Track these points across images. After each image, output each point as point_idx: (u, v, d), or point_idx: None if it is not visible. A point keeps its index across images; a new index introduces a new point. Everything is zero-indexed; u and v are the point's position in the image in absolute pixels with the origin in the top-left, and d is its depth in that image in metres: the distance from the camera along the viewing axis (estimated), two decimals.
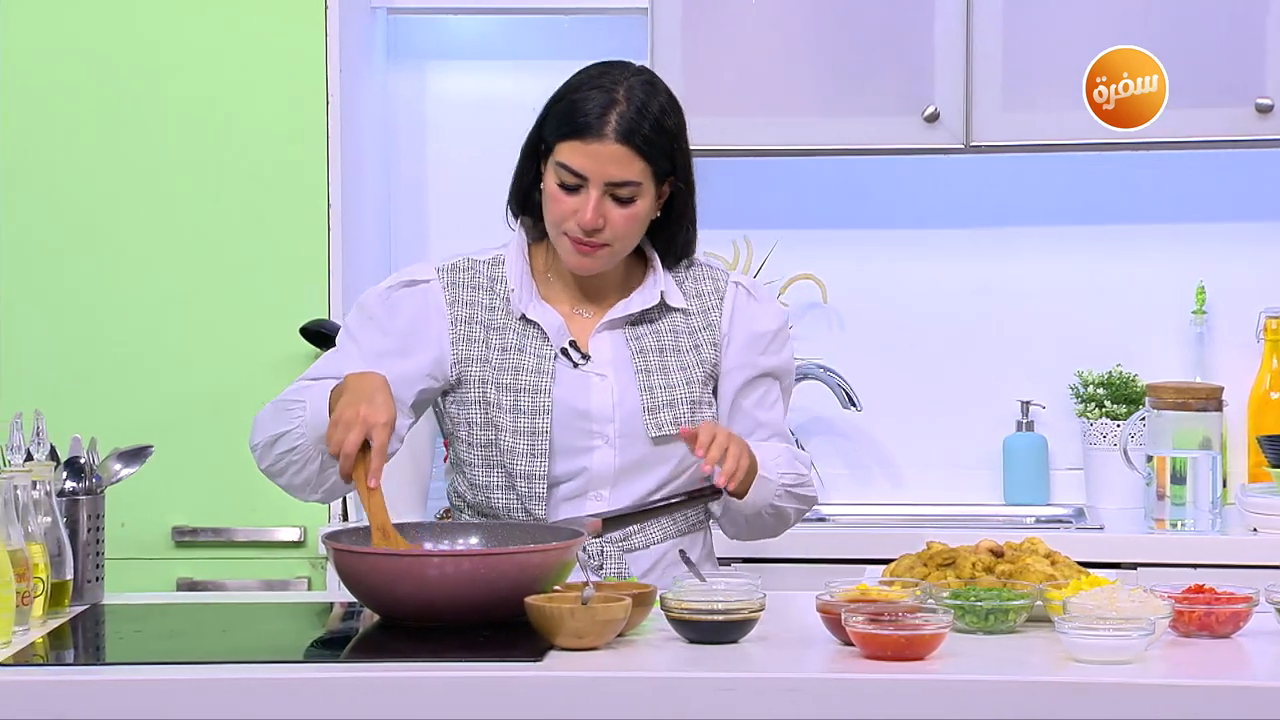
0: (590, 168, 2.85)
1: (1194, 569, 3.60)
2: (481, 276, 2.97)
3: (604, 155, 2.84)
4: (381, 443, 2.70)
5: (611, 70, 2.91)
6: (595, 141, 2.84)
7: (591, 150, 2.84)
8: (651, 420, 2.92)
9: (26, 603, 2.60)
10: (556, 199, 2.88)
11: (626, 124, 2.84)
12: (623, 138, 2.84)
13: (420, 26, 4.34)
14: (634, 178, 2.86)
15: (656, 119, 2.87)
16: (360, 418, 2.69)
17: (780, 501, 2.94)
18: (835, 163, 4.24)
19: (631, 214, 2.88)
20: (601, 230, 2.87)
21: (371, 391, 2.73)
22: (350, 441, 2.69)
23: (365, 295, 3.01)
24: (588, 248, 2.88)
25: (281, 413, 2.87)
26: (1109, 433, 4.11)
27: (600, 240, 2.88)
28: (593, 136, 2.84)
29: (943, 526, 4.04)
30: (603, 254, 2.90)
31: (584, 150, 2.85)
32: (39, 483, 2.71)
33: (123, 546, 3.72)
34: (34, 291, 3.88)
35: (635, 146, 2.85)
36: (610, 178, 2.85)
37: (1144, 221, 4.25)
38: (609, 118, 2.85)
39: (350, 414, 2.71)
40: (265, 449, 2.88)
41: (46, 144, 3.88)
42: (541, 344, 2.93)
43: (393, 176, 4.33)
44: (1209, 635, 2.57)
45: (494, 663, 2.43)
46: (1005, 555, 2.73)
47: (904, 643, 2.42)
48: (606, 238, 2.88)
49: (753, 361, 3.00)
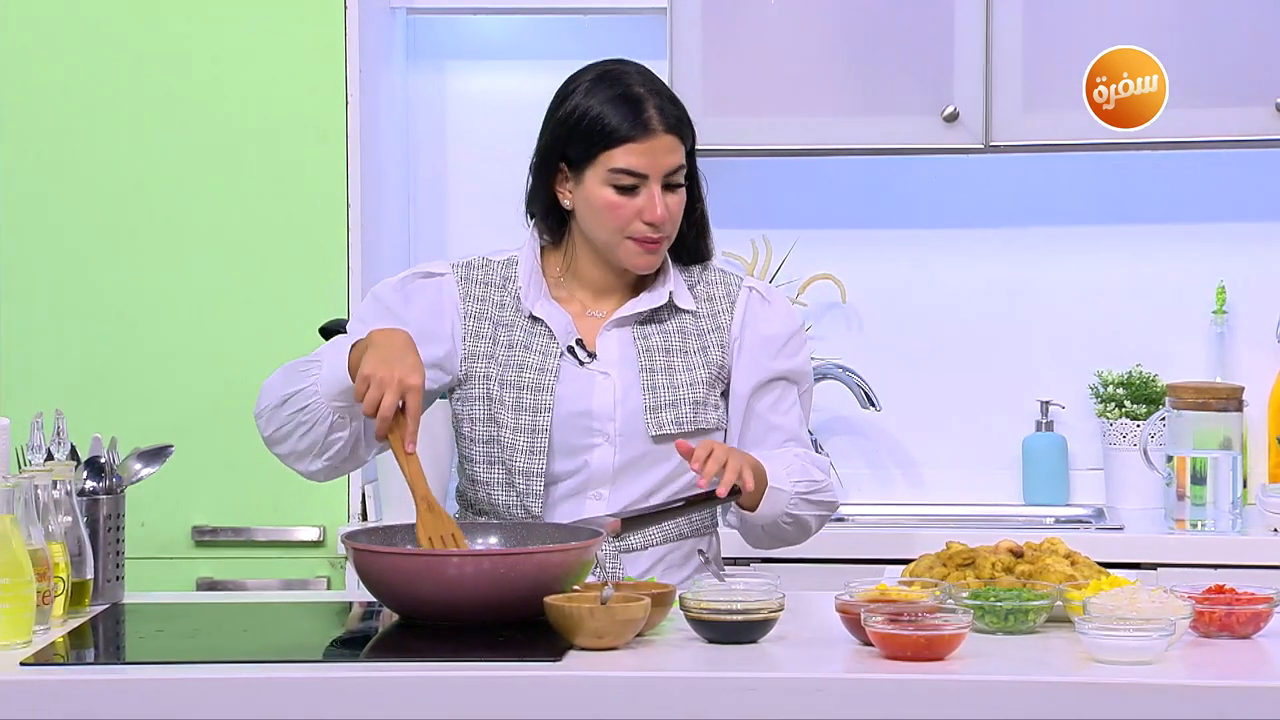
0: (649, 165, 2.89)
1: (1214, 569, 3.60)
2: (495, 275, 2.98)
3: (659, 149, 2.89)
4: (415, 406, 2.69)
5: (611, 73, 2.93)
6: (649, 138, 2.89)
7: (647, 148, 2.88)
8: (653, 419, 2.92)
9: (47, 602, 2.60)
10: (614, 205, 2.89)
11: (669, 115, 2.91)
12: (671, 127, 2.91)
13: (439, 26, 4.34)
14: (682, 162, 2.93)
15: (679, 102, 2.95)
16: (395, 379, 2.68)
17: (796, 510, 2.92)
18: (854, 162, 4.24)
19: (681, 199, 2.94)
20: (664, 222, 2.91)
21: (401, 350, 2.72)
22: (387, 403, 2.67)
23: (379, 286, 3.01)
24: (654, 244, 2.91)
25: (293, 373, 2.84)
26: (1129, 433, 4.10)
27: (665, 234, 2.92)
28: (646, 135, 2.88)
29: (962, 526, 4.03)
30: (662, 247, 2.94)
31: (639, 150, 2.88)
32: (59, 482, 2.72)
33: (143, 546, 3.73)
34: (56, 292, 3.89)
35: (679, 132, 2.92)
36: (666, 168, 2.90)
37: (1164, 221, 4.25)
38: (649, 113, 2.89)
39: (385, 372, 2.68)
40: (272, 411, 2.84)
41: (71, 145, 3.89)
42: (548, 342, 2.94)
43: (412, 176, 4.34)
44: (1230, 636, 2.57)
45: (513, 662, 2.43)
46: (1025, 555, 2.73)
47: (923, 643, 2.42)
48: (667, 230, 2.92)
49: (765, 365, 3.00)
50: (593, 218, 2.91)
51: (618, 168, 2.88)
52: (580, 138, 2.90)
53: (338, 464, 2.88)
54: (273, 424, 2.85)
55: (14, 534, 2.53)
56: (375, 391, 2.68)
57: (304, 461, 2.87)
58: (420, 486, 2.73)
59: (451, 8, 4.26)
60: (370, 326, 2.90)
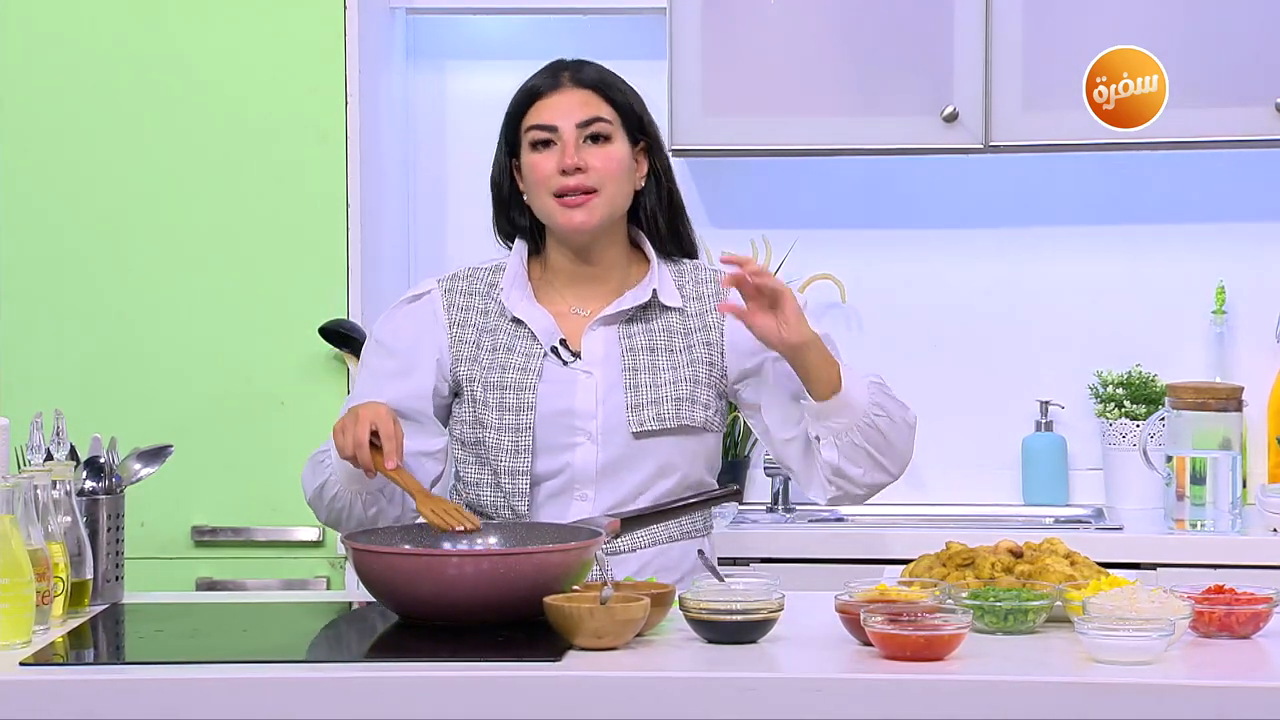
0: (555, 115, 2.93)
1: (1214, 569, 3.59)
2: (480, 283, 3.01)
3: (567, 101, 2.94)
4: (387, 429, 2.75)
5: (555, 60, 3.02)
6: (556, 92, 2.94)
7: (552, 102, 2.94)
8: (634, 416, 2.92)
9: (46, 602, 2.60)
10: (534, 164, 2.94)
11: (579, 73, 2.96)
12: (578, 83, 2.95)
13: (439, 26, 4.34)
14: (602, 115, 2.94)
15: (611, 75, 2.98)
16: (358, 416, 2.76)
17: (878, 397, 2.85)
18: (854, 162, 4.24)
19: (609, 152, 2.93)
20: (585, 173, 2.91)
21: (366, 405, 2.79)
22: (359, 433, 2.74)
23: (375, 324, 3.08)
24: (576, 199, 2.91)
25: (316, 466, 2.93)
26: (1128, 433, 4.10)
27: (587, 184, 2.91)
28: (553, 90, 2.95)
29: (962, 527, 4.03)
30: (593, 203, 2.92)
31: (547, 104, 2.94)
32: (59, 482, 2.72)
33: (142, 546, 3.73)
34: (55, 292, 3.89)
35: (594, 88, 2.95)
36: (578, 118, 2.93)
37: (1164, 221, 4.24)
38: (562, 76, 2.96)
39: (348, 419, 2.78)
40: (317, 502, 2.94)
41: (71, 145, 3.89)
42: (530, 344, 2.96)
43: (412, 176, 4.34)
44: (1229, 636, 2.57)
45: (513, 662, 2.43)
46: (1024, 555, 2.73)
47: (923, 643, 2.42)
48: (592, 181, 2.92)
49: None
50: (529, 191, 2.96)
51: (529, 124, 2.94)
52: (509, 119, 2.98)
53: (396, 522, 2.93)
54: (323, 514, 2.95)
55: (13, 534, 2.53)
56: (346, 437, 2.76)
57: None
58: (413, 484, 2.79)
59: (451, 8, 4.26)
60: (368, 364, 3.01)
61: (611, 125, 2.93)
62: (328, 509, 2.92)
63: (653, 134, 2.99)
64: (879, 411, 2.87)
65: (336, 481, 2.87)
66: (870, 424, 2.86)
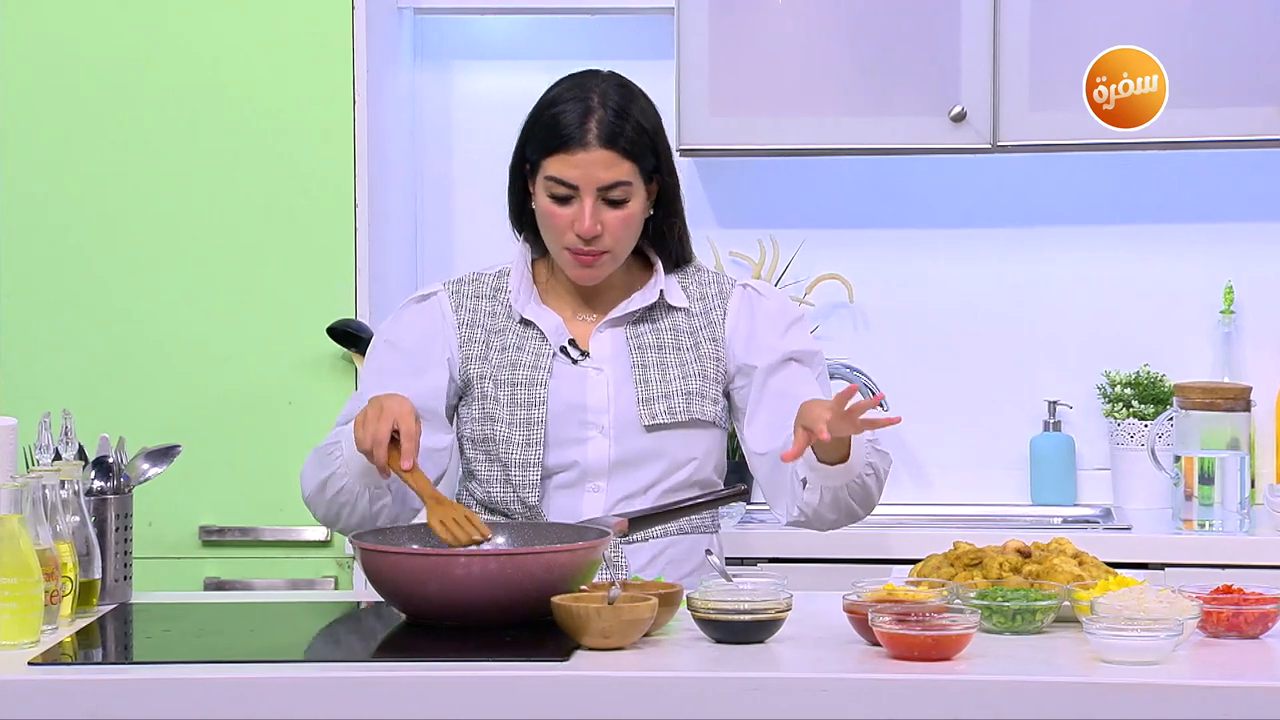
0: (579, 176, 2.89)
1: (1222, 569, 3.59)
2: (486, 286, 3.03)
3: (590, 162, 2.89)
4: (409, 429, 2.74)
5: (584, 80, 2.95)
6: (580, 151, 2.89)
7: (577, 160, 2.89)
8: (646, 410, 2.94)
9: (55, 601, 2.61)
10: (551, 213, 2.91)
11: (608, 129, 2.89)
12: (606, 142, 2.89)
13: (446, 26, 4.34)
14: (624, 178, 2.90)
15: (636, 120, 2.91)
16: (382, 411, 2.75)
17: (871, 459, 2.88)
18: (861, 162, 4.24)
19: (625, 216, 2.92)
20: (600, 237, 2.90)
21: (389, 397, 2.79)
22: (381, 430, 2.73)
23: (381, 325, 3.08)
24: (588, 257, 2.92)
25: (323, 458, 2.91)
26: (1136, 433, 4.10)
27: (600, 248, 2.91)
28: (577, 146, 2.89)
29: (970, 526, 4.03)
30: (604, 261, 2.93)
31: (570, 161, 2.89)
32: (67, 482, 2.72)
33: (150, 546, 3.74)
34: (64, 292, 3.89)
35: (620, 149, 2.89)
36: (600, 182, 2.89)
37: (1172, 221, 4.24)
38: (589, 125, 2.89)
39: (373, 411, 2.76)
40: (316, 497, 2.92)
41: (78, 146, 3.89)
42: (540, 343, 2.97)
43: (419, 176, 4.34)
44: (1237, 636, 2.57)
45: (520, 662, 2.44)
46: (1032, 555, 2.73)
47: (931, 643, 2.42)
48: (605, 244, 2.91)
49: (772, 345, 2.99)
50: (540, 223, 2.96)
51: (551, 175, 2.90)
52: (534, 139, 2.94)
53: (395, 521, 2.94)
54: (320, 509, 2.93)
55: (22, 534, 2.53)
56: (367, 431, 2.75)
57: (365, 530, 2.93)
58: (425, 488, 2.78)
59: (458, 8, 4.26)
60: (375, 364, 3.01)
61: (631, 187, 2.91)
62: (329, 503, 2.90)
63: (665, 160, 2.96)
64: (869, 471, 2.89)
65: (345, 474, 2.87)
66: (860, 483, 2.89)
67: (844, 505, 2.90)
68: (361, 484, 2.87)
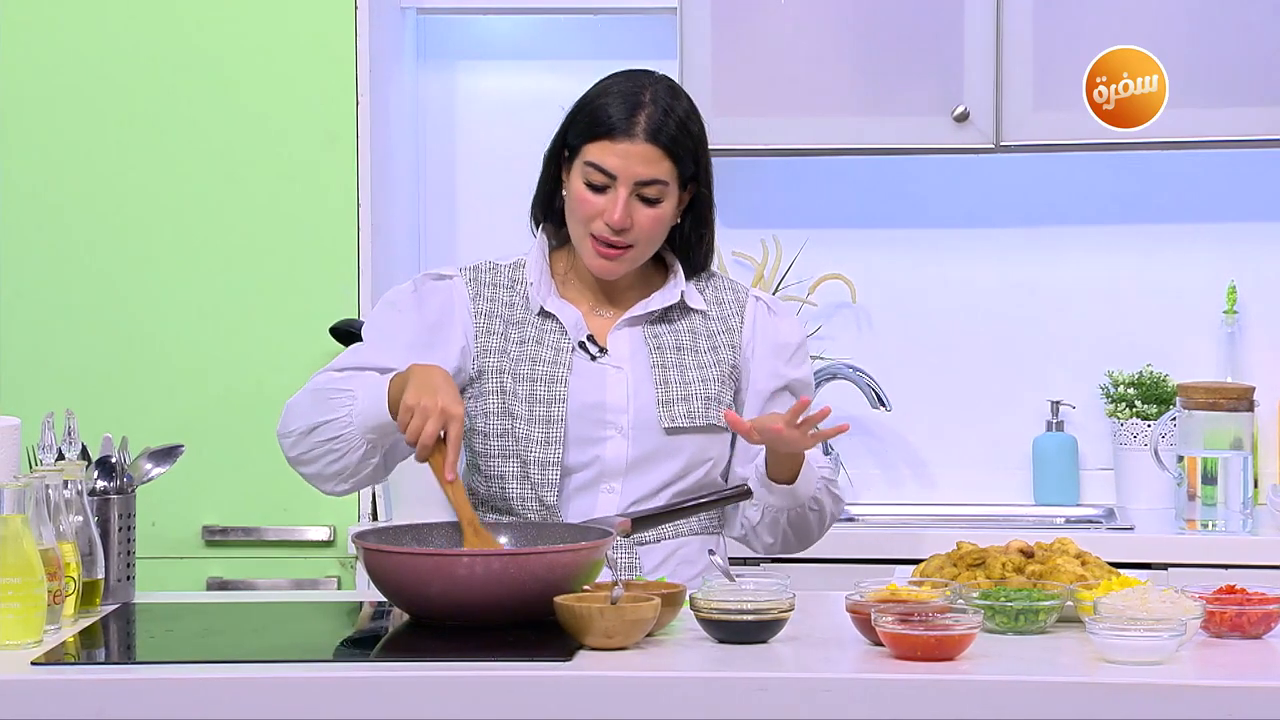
0: (619, 166, 2.89)
1: (1225, 570, 3.59)
2: (503, 277, 3.01)
3: (633, 154, 2.89)
4: (456, 435, 2.74)
5: (636, 76, 2.96)
6: (625, 141, 2.89)
7: (621, 149, 2.89)
8: (665, 412, 2.94)
9: (58, 601, 2.61)
10: (584, 199, 2.91)
11: (655, 124, 2.90)
12: (651, 137, 2.89)
13: (450, 26, 4.34)
14: (662, 176, 2.90)
15: (682, 121, 2.92)
16: (439, 408, 2.73)
17: (821, 495, 2.94)
18: (865, 162, 4.24)
19: (657, 215, 2.92)
20: (628, 230, 2.90)
21: (441, 382, 2.77)
22: (429, 431, 2.73)
23: (390, 293, 3.04)
24: (613, 250, 2.92)
25: (324, 401, 2.88)
26: (1139, 433, 4.10)
27: (625, 241, 2.91)
28: (622, 136, 2.89)
29: (973, 527, 4.03)
30: (627, 256, 2.93)
31: (613, 150, 2.89)
32: (70, 482, 2.72)
33: (153, 546, 3.74)
34: (67, 292, 3.89)
35: (663, 146, 2.90)
36: (639, 176, 2.89)
37: (1175, 221, 4.24)
38: (638, 118, 2.90)
39: (429, 401, 2.74)
40: (300, 436, 2.89)
41: (80, 147, 3.89)
42: (559, 338, 2.97)
43: (422, 176, 4.34)
44: (1240, 636, 2.57)
45: (523, 662, 2.43)
46: (1035, 555, 2.73)
47: (934, 643, 2.42)
48: (632, 238, 2.91)
49: (778, 372, 3.03)
50: (568, 208, 2.95)
51: (590, 161, 2.91)
52: (578, 124, 2.94)
53: (365, 485, 2.94)
54: (299, 448, 2.91)
55: (25, 534, 2.53)
56: (419, 420, 2.74)
57: (330, 483, 2.93)
58: (466, 511, 2.77)
59: (462, 8, 4.26)
60: (386, 330, 2.97)
61: (667, 187, 2.91)
62: (313, 445, 2.87)
63: (705, 170, 2.98)
64: (814, 506, 2.94)
65: (348, 425, 2.84)
66: (800, 514, 2.94)
67: (780, 531, 2.96)
68: (363, 439, 2.84)
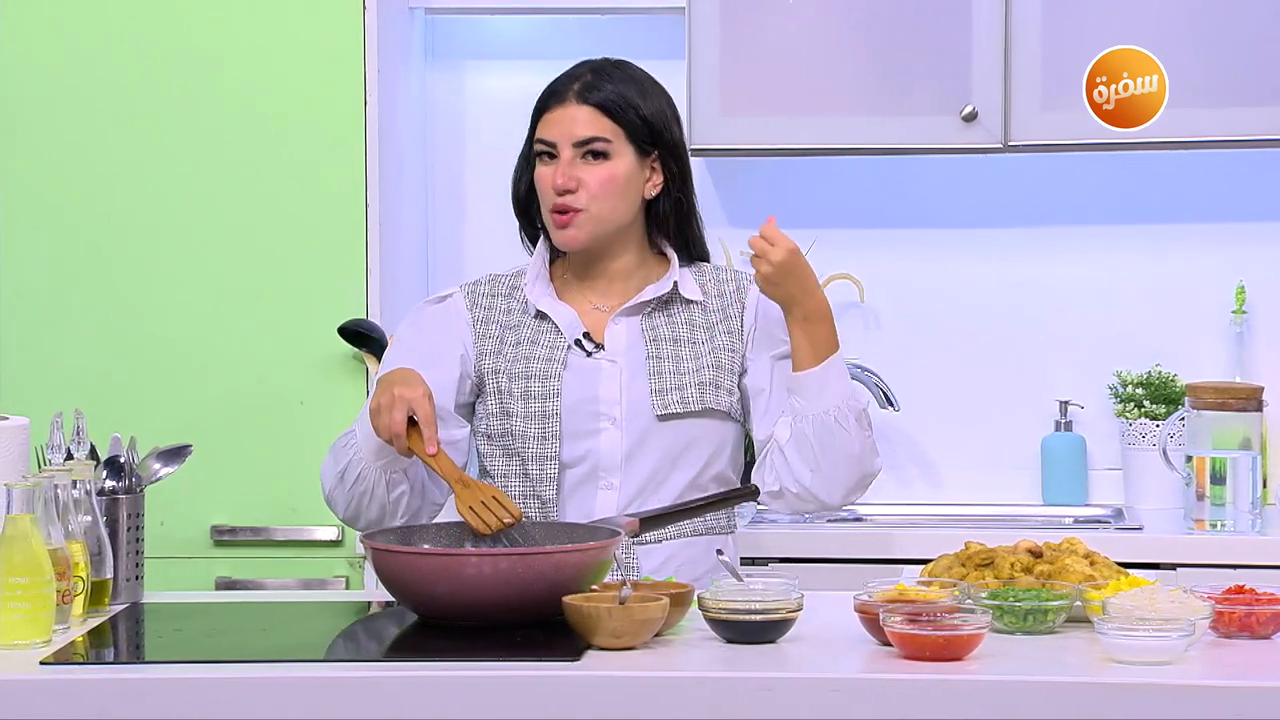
0: (558, 133, 2.96)
1: (1234, 569, 3.59)
2: (502, 287, 3.06)
3: (568, 118, 2.96)
4: (426, 413, 2.78)
5: (586, 60, 3.03)
6: (558, 108, 2.97)
7: (556, 116, 2.97)
8: (658, 399, 2.95)
9: (67, 601, 2.61)
10: (539, 177, 2.98)
11: (586, 86, 2.97)
12: (581, 98, 2.96)
13: (458, 26, 4.34)
14: (603, 134, 2.96)
15: (619, 85, 2.97)
16: (396, 397, 2.78)
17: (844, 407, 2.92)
18: (873, 162, 4.24)
19: (605, 173, 2.95)
20: (576, 192, 2.93)
21: (397, 377, 2.83)
22: (396, 420, 2.77)
23: (399, 326, 3.10)
24: (564, 216, 2.94)
25: (338, 451, 2.94)
26: (1148, 433, 4.09)
27: (575, 204, 2.94)
28: (556, 104, 2.97)
29: (981, 527, 4.03)
30: (581, 220, 2.96)
31: (550, 119, 2.97)
32: (79, 482, 2.72)
33: (162, 545, 3.74)
34: (75, 292, 3.90)
35: (596, 104, 2.96)
36: (576, 137, 2.95)
37: (1184, 221, 4.24)
38: (572, 86, 2.98)
39: (386, 398, 2.80)
40: (336, 490, 2.94)
41: (89, 147, 3.90)
42: (554, 337, 2.99)
43: (431, 176, 4.34)
44: (1249, 636, 2.56)
45: (531, 662, 2.44)
46: (1044, 555, 2.73)
47: (942, 643, 2.42)
48: (581, 201, 2.95)
49: (781, 337, 3.00)
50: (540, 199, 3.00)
51: (536, 138, 2.98)
52: (531, 123, 3.02)
53: (415, 515, 2.96)
54: (342, 503, 2.95)
55: (34, 533, 2.53)
56: (385, 416, 2.79)
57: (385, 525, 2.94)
58: (450, 471, 2.80)
59: (470, 8, 4.26)
60: (392, 362, 3.01)
61: (611, 144, 2.95)
62: (349, 494, 2.92)
63: (668, 143, 3.00)
64: (839, 419, 2.93)
65: (361, 460, 2.89)
66: (823, 423, 2.92)
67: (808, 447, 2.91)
68: (377, 468, 2.88)
